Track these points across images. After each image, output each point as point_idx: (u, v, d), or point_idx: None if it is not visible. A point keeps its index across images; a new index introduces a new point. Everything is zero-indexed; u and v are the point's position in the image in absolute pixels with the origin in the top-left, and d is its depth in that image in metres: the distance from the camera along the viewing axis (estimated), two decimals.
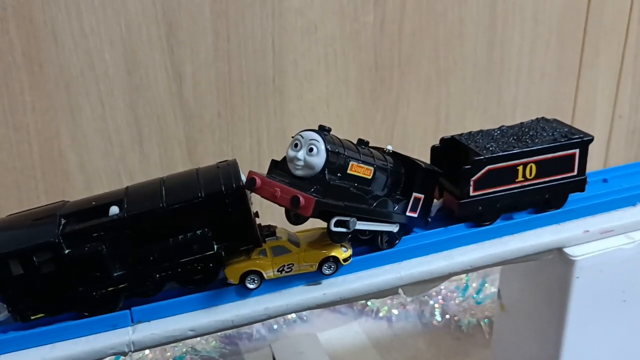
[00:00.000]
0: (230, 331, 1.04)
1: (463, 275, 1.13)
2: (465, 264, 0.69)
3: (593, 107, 1.38)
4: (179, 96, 1.04)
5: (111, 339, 0.58)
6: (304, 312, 1.10)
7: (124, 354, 0.58)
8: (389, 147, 0.70)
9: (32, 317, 0.58)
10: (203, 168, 0.62)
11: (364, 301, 1.12)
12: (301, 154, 0.57)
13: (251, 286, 0.62)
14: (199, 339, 1.01)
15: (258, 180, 0.56)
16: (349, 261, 0.64)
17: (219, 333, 1.01)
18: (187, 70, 1.03)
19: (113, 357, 0.60)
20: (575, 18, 1.27)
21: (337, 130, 1.16)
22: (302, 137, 0.58)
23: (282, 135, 1.13)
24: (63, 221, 0.58)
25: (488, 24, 1.20)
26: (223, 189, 0.58)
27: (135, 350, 0.58)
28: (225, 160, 0.63)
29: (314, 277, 0.64)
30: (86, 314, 0.59)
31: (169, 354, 0.98)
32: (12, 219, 0.61)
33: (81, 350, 0.57)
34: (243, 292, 0.62)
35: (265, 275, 0.62)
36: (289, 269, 0.62)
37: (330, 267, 0.63)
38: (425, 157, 1.27)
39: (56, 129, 0.99)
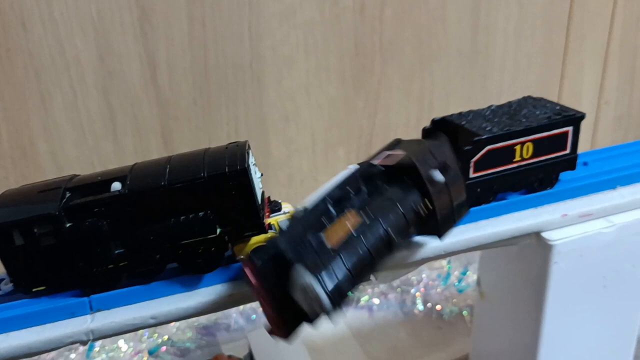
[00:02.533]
0: (207, 322, 1.02)
1: (445, 263, 1.11)
2: (439, 249, 0.67)
3: (579, 94, 1.37)
4: (154, 83, 1.01)
5: (69, 328, 0.56)
6: None
7: (84, 342, 0.56)
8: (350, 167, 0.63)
9: (34, 290, 0.57)
10: (212, 148, 0.60)
11: None
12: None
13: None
14: (175, 330, 0.99)
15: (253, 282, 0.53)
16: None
17: (196, 324, 1.00)
18: (161, 56, 1.00)
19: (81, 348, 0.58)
20: (560, 3, 1.25)
21: (318, 118, 1.15)
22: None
23: (261, 123, 1.11)
24: (68, 194, 0.57)
25: (471, 8, 1.18)
26: (227, 170, 0.56)
27: (95, 339, 0.56)
28: (236, 142, 0.61)
29: None
30: (87, 290, 0.58)
31: (144, 345, 0.96)
32: (19, 190, 0.60)
33: (37, 339, 0.55)
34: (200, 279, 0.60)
35: None
36: None
37: None
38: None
39: (26, 117, 0.97)
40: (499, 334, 0.86)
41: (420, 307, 1.07)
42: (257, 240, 0.60)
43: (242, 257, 0.60)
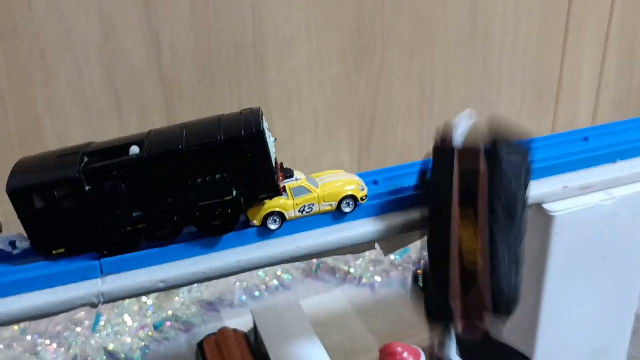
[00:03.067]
0: (211, 298, 1.04)
1: None
2: None
3: (579, 77, 1.38)
4: (158, 63, 1.02)
5: (80, 290, 0.57)
6: (285, 279, 1.09)
7: (94, 305, 0.57)
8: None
9: (54, 252, 0.59)
10: (226, 115, 0.62)
11: (346, 268, 1.12)
12: None
13: (273, 227, 0.62)
14: (179, 305, 1.00)
15: None
16: (366, 200, 0.66)
17: (200, 300, 1.01)
18: (165, 36, 1.01)
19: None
20: None
21: (320, 98, 1.16)
22: None
23: (263, 103, 1.12)
24: (86, 159, 0.58)
25: None
26: (243, 133, 0.57)
27: (105, 302, 0.58)
28: (249, 108, 0.62)
29: (334, 217, 0.65)
30: (105, 253, 0.59)
31: (149, 320, 0.97)
32: (37, 157, 0.61)
33: (49, 301, 0.56)
34: (214, 241, 0.61)
35: (287, 216, 0.62)
36: (310, 209, 0.63)
37: (349, 204, 0.65)
38: (410, 126, 1.27)
39: (32, 96, 0.97)
40: None
41: (422, 284, 1.08)
42: (270, 205, 0.61)
43: (255, 222, 0.62)
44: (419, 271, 0.66)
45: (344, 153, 1.23)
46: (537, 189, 0.73)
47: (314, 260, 1.11)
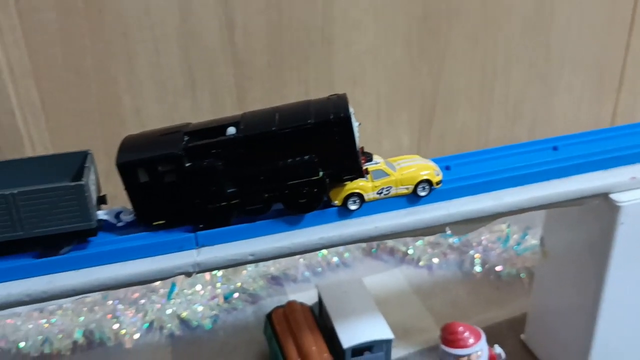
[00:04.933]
0: (276, 272, 1.08)
1: (504, 227, 1.14)
2: (513, 205, 0.70)
3: None
4: (231, 44, 1.06)
5: (178, 260, 0.61)
6: (347, 257, 1.13)
7: (189, 274, 0.62)
8: None
9: (154, 223, 0.64)
10: (315, 99, 0.65)
11: (404, 249, 1.15)
12: None
13: (353, 207, 0.66)
14: (247, 278, 1.05)
15: None
16: (440, 185, 0.69)
17: (266, 274, 1.06)
18: (238, 18, 1.05)
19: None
20: None
21: (383, 81, 1.19)
22: None
23: (329, 86, 1.15)
24: (186, 138, 0.63)
25: None
26: (332, 117, 0.61)
27: (199, 272, 0.62)
28: (336, 94, 0.66)
29: (409, 200, 0.68)
30: (200, 226, 0.63)
31: (219, 290, 1.03)
32: (142, 134, 0.66)
33: (149, 269, 0.61)
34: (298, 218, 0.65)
35: (366, 197, 0.66)
36: (387, 191, 0.67)
37: (424, 188, 0.68)
38: (470, 111, 1.29)
39: (114, 74, 1.03)
40: (559, 294, 0.89)
41: (478, 268, 1.11)
42: (351, 186, 0.65)
43: (336, 202, 0.65)
44: None
45: (403, 136, 1.26)
46: (604, 179, 0.75)
47: None
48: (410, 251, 1.14)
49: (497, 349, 0.82)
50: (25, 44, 0.96)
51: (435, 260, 1.14)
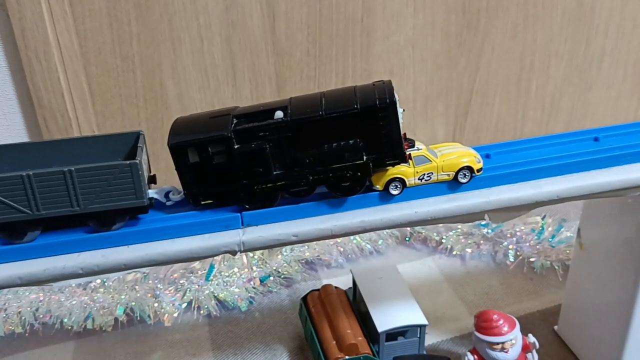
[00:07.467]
0: (311, 257, 1.10)
1: (539, 219, 1.15)
2: (552, 194, 0.71)
3: None
4: (272, 33, 1.08)
5: (224, 238, 0.64)
6: (380, 245, 1.15)
7: (234, 253, 0.64)
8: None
9: (203, 202, 0.66)
10: (360, 85, 0.67)
11: (438, 238, 1.16)
12: None
13: (394, 192, 0.67)
14: (282, 262, 1.08)
15: None
16: (481, 172, 0.69)
17: (300, 258, 1.08)
18: (280, 8, 1.07)
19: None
20: None
21: (420, 73, 1.19)
22: None
23: (366, 77, 1.16)
24: (235, 121, 0.65)
25: None
26: (377, 103, 0.63)
27: (244, 251, 0.64)
28: (381, 80, 0.67)
29: (450, 186, 0.69)
30: (247, 206, 0.65)
31: (255, 274, 1.05)
32: (192, 117, 0.68)
33: (197, 246, 0.63)
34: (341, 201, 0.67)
35: (407, 183, 0.67)
36: (429, 177, 0.68)
37: (465, 175, 0.69)
38: (506, 104, 1.28)
39: (158, 60, 1.06)
40: (594, 287, 0.89)
41: (511, 258, 1.11)
42: (393, 171, 0.66)
43: (378, 186, 0.67)
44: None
45: (438, 128, 1.27)
46: None
47: (407, 228, 1.16)
48: (443, 240, 1.15)
49: (531, 338, 0.83)
50: (75, 31, 1.00)
51: (469, 250, 1.15)
